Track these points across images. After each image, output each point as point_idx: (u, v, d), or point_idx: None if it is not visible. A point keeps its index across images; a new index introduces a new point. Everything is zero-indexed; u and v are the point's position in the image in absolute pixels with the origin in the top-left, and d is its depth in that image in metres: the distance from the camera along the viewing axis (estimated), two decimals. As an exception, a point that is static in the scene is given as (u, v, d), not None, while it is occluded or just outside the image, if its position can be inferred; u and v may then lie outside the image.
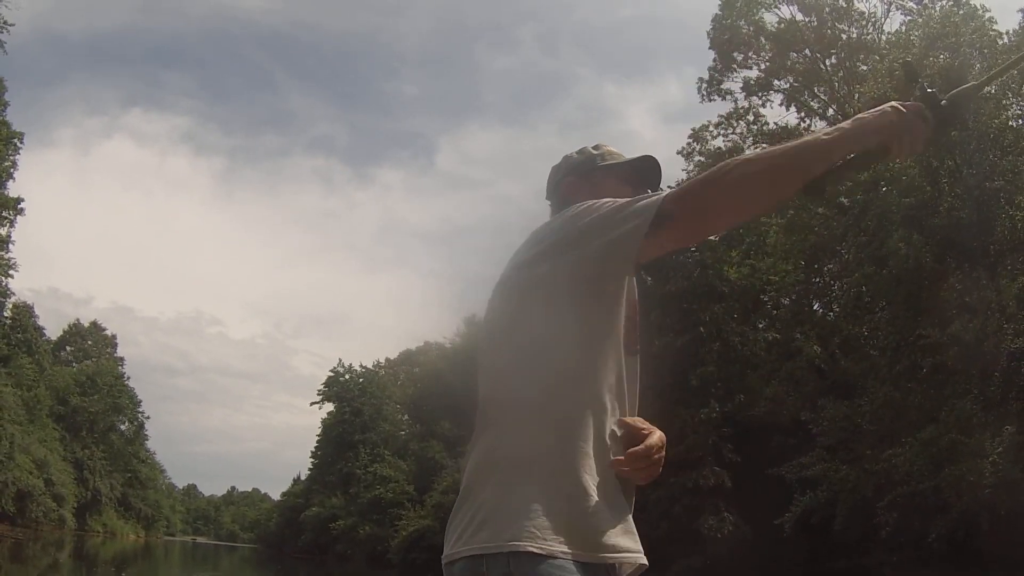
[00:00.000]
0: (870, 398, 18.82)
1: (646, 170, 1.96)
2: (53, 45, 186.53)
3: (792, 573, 20.58)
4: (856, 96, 26.08)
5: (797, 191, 1.60)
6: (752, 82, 28.90)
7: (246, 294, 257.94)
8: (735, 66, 29.19)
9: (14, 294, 46.37)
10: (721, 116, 29.13)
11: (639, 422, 1.72)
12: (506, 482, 1.54)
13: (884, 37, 26.91)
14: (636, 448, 1.64)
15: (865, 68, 26.57)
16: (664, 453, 1.69)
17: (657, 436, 1.70)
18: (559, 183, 1.97)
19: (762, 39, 28.67)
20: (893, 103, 1.59)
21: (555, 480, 1.53)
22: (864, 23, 28.23)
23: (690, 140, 29.71)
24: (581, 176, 1.94)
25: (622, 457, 1.62)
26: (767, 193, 1.59)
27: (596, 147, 1.99)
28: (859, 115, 1.59)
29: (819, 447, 19.68)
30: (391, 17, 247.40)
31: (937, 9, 23.61)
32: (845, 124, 1.56)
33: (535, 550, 1.44)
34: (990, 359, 16.17)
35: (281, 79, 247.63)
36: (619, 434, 1.64)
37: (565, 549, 1.47)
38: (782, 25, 28.29)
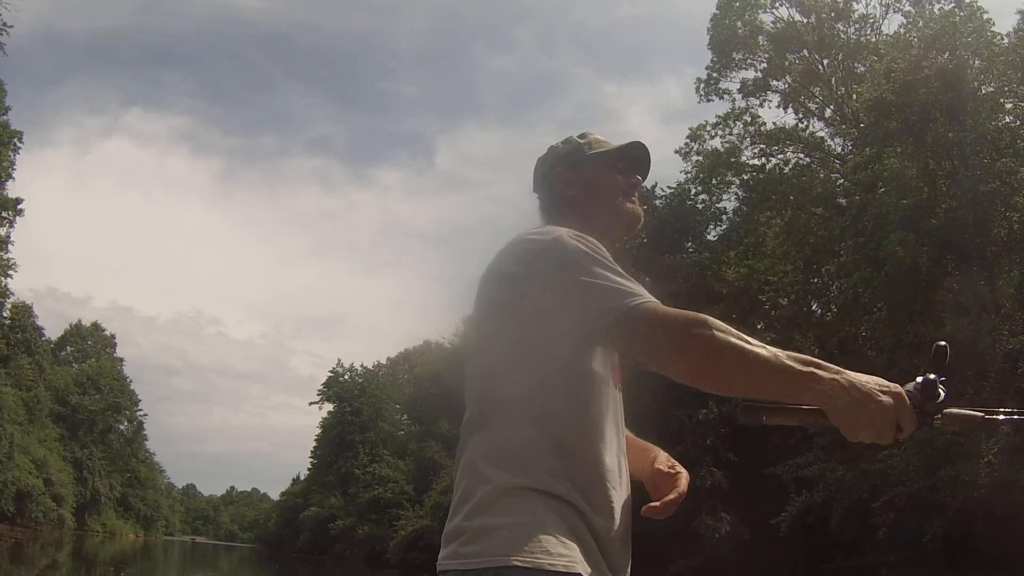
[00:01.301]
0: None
1: (635, 156, 1.93)
2: (53, 45, 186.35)
3: (789, 573, 20.64)
4: (854, 96, 26.16)
5: (738, 396, 1.54)
6: (749, 83, 28.95)
7: (245, 294, 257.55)
8: (733, 66, 29.25)
9: (13, 294, 46.42)
10: (719, 117, 29.19)
11: (668, 461, 1.80)
12: (495, 492, 1.53)
13: (882, 38, 27.00)
14: (671, 497, 1.73)
15: (863, 69, 26.65)
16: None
17: (686, 479, 1.77)
18: (547, 174, 1.93)
19: (760, 39, 28.73)
20: (902, 394, 1.43)
21: (543, 489, 1.53)
22: (862, 24, 28.30)
23: (688, 140, 29.79)
24: (570, 166, 1.90)
25: (657, 504, 1.69)
26: (709, 374, 1.50)
27: (582, 136, 1.95)
28: (860, 382, 1.42)
29: (816, 447, 19.74)
30: (388, 17, 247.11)
31: (936, 10, 23.71)
32: (838, 382, 1.41)
33: (520, 563, 1.44)
34: (987, 359, 16.23)
35: (280, 79, 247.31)
36: (609, 457, 1.64)
37: (552, 562, 1.46)
38: (780, 26, 28.35)
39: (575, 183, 1.88)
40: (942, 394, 1.46)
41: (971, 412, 1.48)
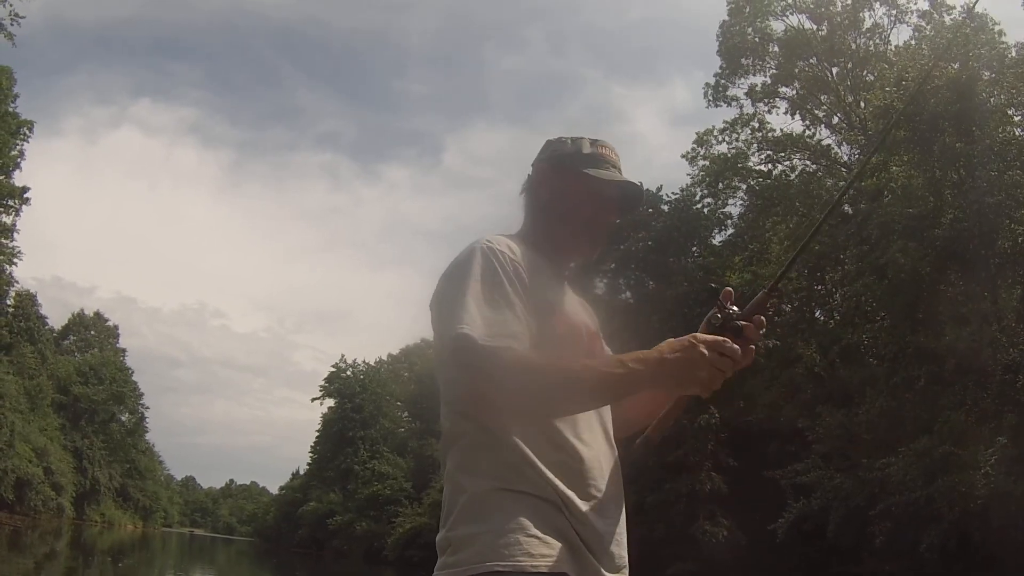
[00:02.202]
0: (867, 407, 18.87)
1: (623, 197, 1.84)
2: (63, 34, 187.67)
3: (786, 579, 20.65)
4: (862, 104, 26.14)
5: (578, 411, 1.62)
6: (757, 89, 28.94)
7: (250, 287, 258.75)
8: (742, 72, 29.22)
9: (18, 282, 46.52)
10: (726, 122, 29.21)
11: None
12: (472, 500, 1.56)
13: (891, 48, 26.99)
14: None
15: (872, 78, 26.64)
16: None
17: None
18: (536, 163, 1.88)
19: (770, 46, 28.71)
20: (697, 336, 1.54)
21: (519, 490, 1.54)
22: (872, 34, 28.28)
23: (695, 145, 29.81)
24: (553, 167, 1.82)
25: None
26: (527, 403, 1.52)
27: (593, 143, 1.83)
28: (665, 352, 1.52)
29: (814, 454, 19.74)
30: (399, 15, 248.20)
31: (947, 21, 23.70)
32: (655, 365, 1.51)
33: (501, 568, 1.47)
34: (987, 370, 16.22)
35: (289, 74, 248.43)
36: (585, 447, 1.64)
37: (534, 563, 1.48)
38: (790, 33, 28.33)
39: (550, 186, 1.83)
40: (732, 309, 1.61)
41: (754, 300, 1.66)
